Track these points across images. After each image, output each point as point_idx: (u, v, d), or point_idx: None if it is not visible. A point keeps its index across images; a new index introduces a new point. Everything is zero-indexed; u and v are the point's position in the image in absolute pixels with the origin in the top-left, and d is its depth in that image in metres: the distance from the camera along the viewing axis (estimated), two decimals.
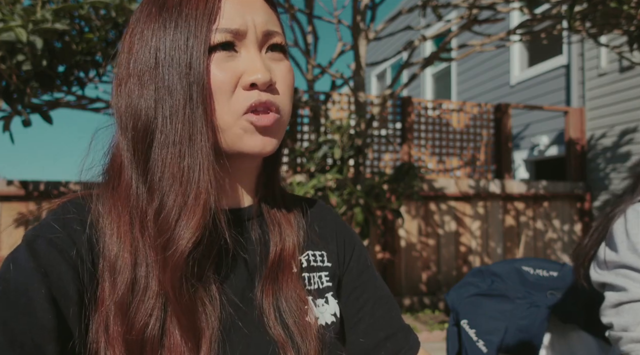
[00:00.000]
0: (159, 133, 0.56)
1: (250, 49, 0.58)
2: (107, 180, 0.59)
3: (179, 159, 0.55)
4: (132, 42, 0.59)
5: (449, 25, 4.40)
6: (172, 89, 0.56)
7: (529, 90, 7.42)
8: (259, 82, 0.57)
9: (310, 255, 0.69)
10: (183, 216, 0.54)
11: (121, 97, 0.59)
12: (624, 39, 4.68)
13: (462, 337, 1.14)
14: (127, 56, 0.59)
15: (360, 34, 4.07)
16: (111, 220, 0.56)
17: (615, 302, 0.93)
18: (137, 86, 0.57)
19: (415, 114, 5.89)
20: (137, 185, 0.57)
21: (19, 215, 4.27)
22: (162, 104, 0.56)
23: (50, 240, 0.53)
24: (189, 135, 0.55)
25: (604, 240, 1.01)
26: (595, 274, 0.99)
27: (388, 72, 12.56)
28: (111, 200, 0.57)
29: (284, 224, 0.66)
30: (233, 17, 0.58)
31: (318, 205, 0.76)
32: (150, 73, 0.57)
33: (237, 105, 0.57)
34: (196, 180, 0.55)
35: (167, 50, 0.56)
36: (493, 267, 1.24)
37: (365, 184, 3.99)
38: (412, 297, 5.34)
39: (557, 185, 5.96)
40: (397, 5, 11.74)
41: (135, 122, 0.57)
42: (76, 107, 3.94)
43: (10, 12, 2.60)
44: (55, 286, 0.51)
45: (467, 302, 1.18)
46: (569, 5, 3.00)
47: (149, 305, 0.53)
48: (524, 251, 5.80)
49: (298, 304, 0.62)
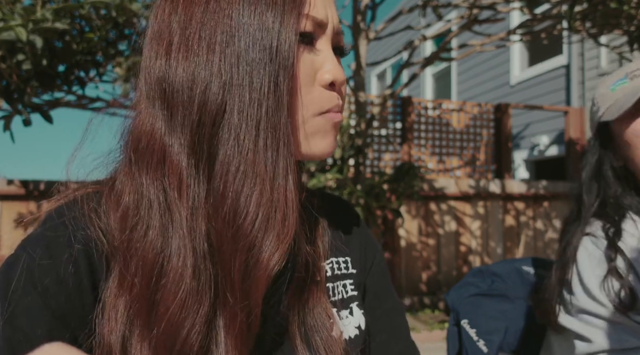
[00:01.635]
0: (234, 117, 0.47)
1: (326, 45, 0.53)
2: (136, 164, 0.49)
3: (263, 151, 0.47)
4: (191, 1, 0.49)
5: (449, 25, 4.40)
6: (255, 69, 0.48)
7: (529, 90, 7.42)
8: (337, 82, 0.53)
9: (334, 262, 0.63)
10: (268, 235, 0.47)
11: (173, 66, 0.49)
12: (624, 39, 4.67)
13: (463, 337, 1.14)
14: (182, 15, 0.49)
15: (360, 33, 4.07)
16: (153, 211, 0.47)
17: (584, 352, 0.89)
18: (205, 54, 0.48)
19: (416, 113, 5.89)
20: (193, 178, 0.48)
21: (18, 215, 4.27)
22: (241, 85, 0.47)
23: (29, 270, 0.46)
24: (273, 127, 0.48)
25: (565, 282, 0.96)
26: (563, 316, 0.95)
27: (388, 72, 12.56)
28: (155, 183, 0.48)
29: (309, 229, 0.59)
30: (319, 6, 0.52)
31: (340, 204, 0.71)
32: (223, 44, 0.48)
33: (316, 104, 0.52)
34: (283, 185, 0.48)
35: (251, 24, 0.48)
36: (493, 267, 1.24)
37: (365, 183, 3.99)
38: (412, 297, 5.34)
39: (557, 185, 5.96)
40: (397, 5, 11.74)
41: (201, 99, 0.47)
42: (77, 106, 3.94)
43: (10, 11, 2.60)
44: (18, 327, 0.45)
45: (468, 302, 1.17)
46: (569, 5, 3.00)
47: (200, 320, 0.47)
48: (524, 251, 5.79)
49: (324, 319, 0.56)
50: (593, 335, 0.88)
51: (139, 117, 0.51)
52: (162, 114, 0.49)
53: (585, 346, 0.89)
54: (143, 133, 0.49)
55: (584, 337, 0.90)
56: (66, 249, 0.48)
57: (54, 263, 0.47)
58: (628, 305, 0.86)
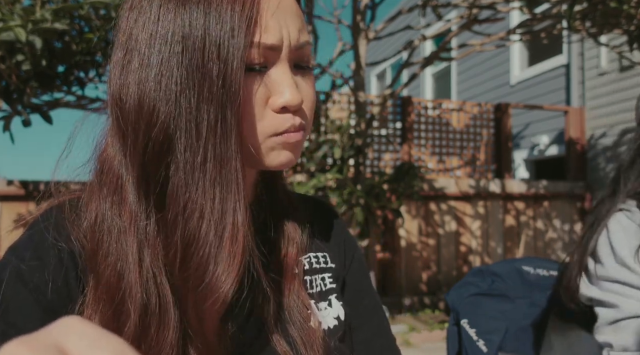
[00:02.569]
0: (182, 146, 0.47)
1: (280, 66, 0.52)
2: (100, 185, 0.51)
3: (210, 187, 0.48)
4: (147, 12, 0.49)
5: (449, 24, 4.40)
6: (202, 98, 0.47)
7: (529, 89, 7.42)
8: (290, 107, 0.52)
9: (312, 257, 0.66)
10: (220, 260, 0.48)
11: (128, 77, 0.48)
12: (624, 39, 4.67)
13: (462, 337, 1.14)
14: (141, 27, 0.49)
15: (360, 33, 4.07)
16: (112, 238, 0.49)
17: (611, 319, 0.89)
18: (155, 72, 0.47)
19: (415, 113, 5.89)
20: (141, 211, 0.49)
21: (18, 216, 4.27)
22: (189, 113, 0.47)
23: (18, 271, 0.49)
24: (220, 157, 0.48)
25: (591, 252, 0.97)
26: (585, 287, 0.96)
27: (388, 72, 12.56)
28: (111, 212, 0.50)
29: (286, 226, 0.62)
30: (271, 29, 0.50)
31: (320, 204, 0.74)
32: (172, 62, 0.47)
33: (269, 127, 0.52)
34: (231, 215, 0.48)
35: (200, 48, 0.47)
36: (493, 267, 1.24)
37: (365, 183, 3.99)
38: (412, 297, 5.34)
39: (557, 184, 5.96)
40: (397, 5, 11.74)
41: (148, 121, 0.47)
42: (76, 107, 3.94)
43: (9, 11, 2.60)
44: (11, 323, 0.47)
45: (467, 301, 1.17)
46: (569, 5, 3.00)
47: (169, 336, 0.49)
48: (524, 251, 5.79)
49: (301, 309, 0.59)
50: (621, 302, 0.89)
51: (106, 138, 0.52)
52: (118, 137, 0.50)
53: (611, 313, 0.90)
54: (105, 159, 0.51)
55: (610, 303, 0.90)
56: (53, 250, 0.50)
57: (42, 263, 0.49)
58: None
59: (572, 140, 6.26)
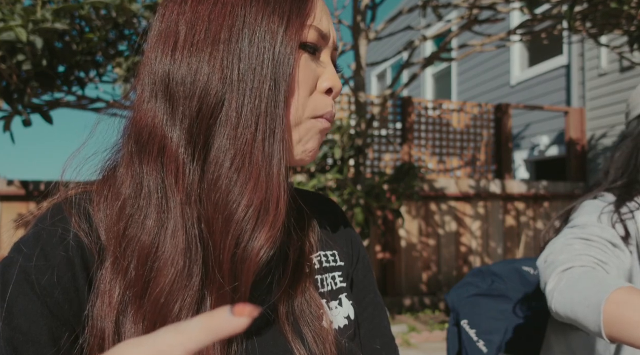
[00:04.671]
0: (233, 110, 0.50)
1: (327, 56, 0.57)
2: (139, 151, 0.52)
3: (259, 146, 0.49)
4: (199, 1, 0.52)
5: (449, 25, 4.40)
6: (257, 67, 0.50)
7: (529, 90, 7.42)
8: (335, 89, 0.56)
9: (322, 255, 0.66)
10: (260, 224, 0.49)
11: (178, 60, 0.51)
12: (624, 39, 4.67)
13: (462, 337, 1.14)
14: (189, 14, 0.52)
15: (360, 33, 4.07)
16: (149, 201, 0.50)
17: (543, 258, 0.91)
18: (209, 50, 0.50)
19: (416, 114, 5.89)
20: (188, 170, 0.50)
21: (18, 216, 4.27)
22: (242, 80, 0.50)
23: (24, 270, 0.47)
24: (271, 120, 0.50)
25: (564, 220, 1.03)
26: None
27: (388, 72, 12.57)
28: (152, 174, 0.50)
29: (297, 224, 0.62)
30: (323, 20, 0.55)
31: (324, 201, 0.74)
32: (227, 42, 0.50)
33: (311, 107, 0.55)
34: (277, 177, 0.50)
35: (256, 25, 0.51)
36: (493, 267, 1.24)
37: (365, 184, 3.99)
38: (412, 297, 5.34)
39: (558, 185, 5.96)
40: (397, 5, 11.74)
41: (202, 91, 0.50)
42: (76, 107, 3.94)
43: (10, 11, 2.60)
44: (17, 327, 0.46)
45: (467, 302, 1.18)
46: (569, 5, 3.00)
47: (189, 300, 0.49)
48: (524, 251, 5.79)
49: (314, 310, 0.59)
50: (576, 220, 0.94)
51: (140, 112, 0.53)
52: (164, 107, 0.51)
53: (543, 255, 0.92)
54: (145, 125, 0.52)
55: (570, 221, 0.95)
56: (60, 248, 0.49)
57: (49, 263, 0.48)
58: (621, 234, 0.91)
59: (572, 140, 6.26)
